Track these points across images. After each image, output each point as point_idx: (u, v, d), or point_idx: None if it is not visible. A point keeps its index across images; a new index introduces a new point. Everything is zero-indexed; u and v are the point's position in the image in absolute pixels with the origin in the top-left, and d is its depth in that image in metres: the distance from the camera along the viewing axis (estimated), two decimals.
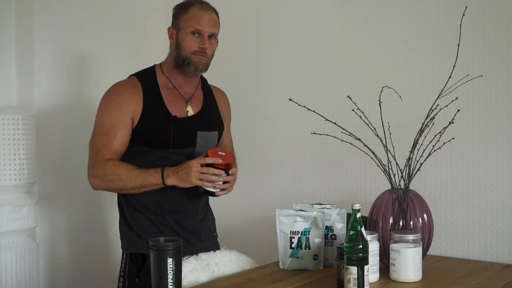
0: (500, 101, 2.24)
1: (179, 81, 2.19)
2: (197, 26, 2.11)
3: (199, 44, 2.11)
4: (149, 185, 2.06)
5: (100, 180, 2.09)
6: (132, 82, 2.17)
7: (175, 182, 2.04)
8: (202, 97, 2.25)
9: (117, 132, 2.08)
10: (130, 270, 2.15)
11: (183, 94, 2.19)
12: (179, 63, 2.14)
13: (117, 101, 2.11)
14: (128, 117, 2.10)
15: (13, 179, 2.53)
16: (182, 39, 2.13)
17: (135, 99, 2.11)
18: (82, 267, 2.96)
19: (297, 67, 2.72)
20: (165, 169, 2.05)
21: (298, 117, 2.67)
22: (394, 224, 2.01)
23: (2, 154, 2.51)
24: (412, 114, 2.39)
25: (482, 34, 2.26)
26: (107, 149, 2.08)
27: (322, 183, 2.64)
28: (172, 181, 2.04)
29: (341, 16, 2.60)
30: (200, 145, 2.17)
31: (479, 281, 1.90)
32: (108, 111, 2.11)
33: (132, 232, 2.16)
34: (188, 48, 2.12)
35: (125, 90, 2.14)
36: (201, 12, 2.12)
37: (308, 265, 2.04)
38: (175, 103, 2.16)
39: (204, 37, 2.12)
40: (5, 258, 2.53)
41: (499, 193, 2.25)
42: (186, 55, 2.12)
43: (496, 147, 2.25)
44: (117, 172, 2.05)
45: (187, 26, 2.12)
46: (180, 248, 1.68)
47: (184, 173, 2.02)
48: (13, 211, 2.54)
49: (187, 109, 2.19)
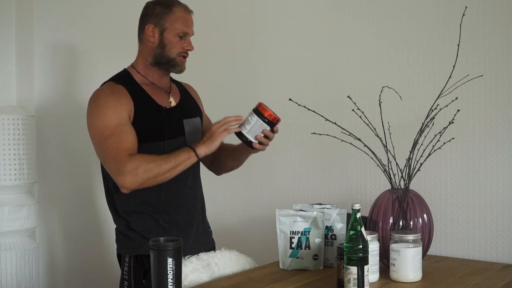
0: (500, 101, 2.24)
1: (155, 77, 2.22)
2: (185, 29, 2.16)
3: (185, 46, 2.16)
4: (183, 163, 2.04)
5: (133, 175, 1.99)
6: (112, 85, 2.16)
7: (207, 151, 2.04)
8: (177, 88, 2.30)
9: (123, 129, 2.06)
10: (135, 272, 2.13)
11: (162, 88, 2.23)
12: (161, 62, 2.17)
13: (110, 102, 2.09)
14: (126, 114, 2.10)
15: (13, 179, 2.54)
16: (168, 40, 2.15)
17: (125, 98, 2.11)
18: (82, 267, 2.96)
19: (297, 67, 2.72)
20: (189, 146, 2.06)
21: (298, 117, 2.67)
22: (394, 224, 2.01)
23: (2, 154, 2.52)
24: (412, 114, 2.39)
25: (482, 34, 2.27)
26: (123, 146, 2.04)
27: (322, 183, 2.64)
28: (204, 150, 2.04)
29: (341, 16, 2.60)
30: (188, 132, 2.20)
31: (479, 281, 1.90)
32: (105, 114, 2.07)
33: (137, 234, 2.14)
34: (175, 49, 2.15)
35: (112, 92, 2.12)
36: (185, 14, 2.17)
37: (308, 265, 2.04)
38: (159, 96, 2.19)
39: (187, 39, 2.17)
40: (5, 258, 2.53)
41: (499, 193, 2.25)
42: (173, 56, 2.15)
43: (496, 147, 2.25)
44: (148, 160, 2.01)
45: (175, 28, 2.14)
46: (180, 248, 1.68)
47: (208, 137, 2.05)
48: (13, 211, 2.54)
49: (170, 100, 2.22)
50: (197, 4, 2.33)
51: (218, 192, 2.82)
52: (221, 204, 2.84)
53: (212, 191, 2.56)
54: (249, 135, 2.05)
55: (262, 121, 2.04)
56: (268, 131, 2.06)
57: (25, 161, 2.60)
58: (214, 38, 2.90)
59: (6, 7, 2.84)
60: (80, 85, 2.94)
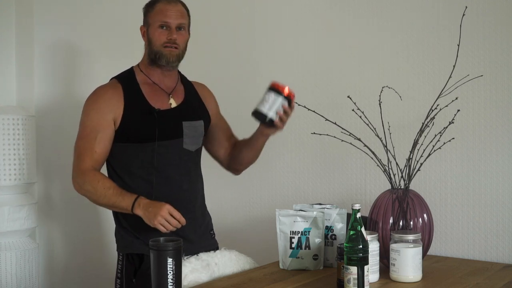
0: (500, 101, 2.24)
1: (158, 76, 2.22)
2: (164, 18, 2.15)
3: (168, 36, 2.15)
4: (119, 208, 2.08)
5: (79, 187, 2.13)
6: (112, 83, 2.21)
7: (141, 214, 2.03)
8: (183, 89, 2.29)
9: (97, 135, 2.12)
10: (127, 271, 2.17)
11: (164, 89, 2.22)
12: (153, 58, 2.18)
13: (98, 103, 2.15)
14: (109, 118, 2.13)
15: (13, 179, 2.54)
16: (151, 34, 2.17)
17: (115, 99, 2.15)
18: (82, 267, 2.96)
19: (297, 67, 2.72)
20: (139, 198, 2.05)
21: (298, 117, 2.66)
22: (394, 224, 2.01)
23: (2, 154, 2.52)
24: (412, 114, 2.39)
25: (482, 34, 2.26)
26: (88, 152, 2.12)
27: (322, 183, 2.64)
28: (139, 212, 2.03)
29: (341, 16, 2.60)
30: (187, 135, 2.20)
31: (479, 281, 1.90)
32: (88, 115, 2.15)
33: (128, 233, 2.18)
34: (158, 41, 2.15)
35: (104, 92, 2.18)
36: (166, 6, 2.17)
37: (308, 265, 2.04)
38: (157, 97, 2.19)
39: (172, 28, 2.15)
40: (5, 258, 2.53)
41: (499, 193, 2.25)
42: (157, 48, 2.16)
43: (496, 147, 2.25)
44: (95, 186, 2.08)
45: (155, 21, 2.16)
46: (180, 248, 1.69)
47: (152, 211, 2.01)
48: (13, 211, 2.54)
49: (170, 101, 2.22)
50: (198, 5, 2.33)
51: (218, 192, 2.82)
52: (221, 204, 2.84)
53: (212, 191, 2.56)
54: (270, 113, 2.06)
55: (282, 97, 2.06)
56: (287, 107, 2.07)
57: (25, 161, 2.60)
58: (214, 38, 2.90)
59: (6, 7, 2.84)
60: (80, 85, 2.94)
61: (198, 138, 2.25)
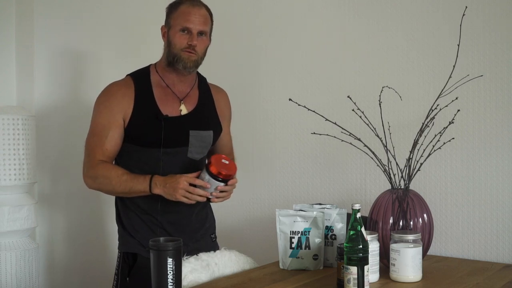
0: (500, 101, 2.24)
1: (172, 80, 2.19)
2: (185, 23, 2.12)
3: (188, 41, 2.12)
4: (137, 191, 2.07)
5: (92, 181, 2.12)
6: (126, 81, 2.18)
7: (161, 193, 2.04)
8: (197, 96, 2.24)
9: (108, 133, 2.11)
10: (122, 269, 2.18)
11: (176, 93, 2.19)
12: (170, 60, 2.15)
13: (109, 101, 2.14)
14: (120, 117, 2.12)
15: (13, 179, 2.54)
16: (172, 36, 2.14)
17: (127, 99, 2.13)
18: (82, 267, 2.96)
19: (297, 67, 2.72)
20: (154, 178, 2.05)
21: (298, 117, 2.66)
22: (394, 224, 2.01)
23: (2, 154, 2.52)
24: (412, 114, 2.39)
25: (482, 34, 2.26)
26: (99, 149, 2.11)
27: (322, 183, 2.64)
28: (158, 191, 2.04)
29: (341, 16, 2.60)
30: (193, 144, 2.17)
31: (479, 281, 1.90)
32: (100, 112, 2.14)
33: (125, 231, 2.19)
34: (178, 45, 2.12)
35: (117, 90, 2.16)
36: (189, 9, 2.13)
37: (308, 265, 2.04)
38: (167, 102, 2.16)
39: (193, 34, 2.12)
40: (5, 258, 2.53)
41: (499, 193, 2.25)
42: (176, 52, 2.13)
43: (496, 147, 2.25)
44: (108, 175, 2.08)
45: (176, 24, 2.13)
46: (180, 248, 1.69)
47: (171, 186, 2.02)
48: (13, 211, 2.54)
49: (181, 107, 2.19)
50: None
51: None
52: (221, 204, 2.83)
53: None
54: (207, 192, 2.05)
55: (214, 180, 2.03)
56: (222, 187, 2.05)
57: (25, 161, 2.60)
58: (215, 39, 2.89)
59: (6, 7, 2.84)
60: (80, 85, 2.94)
61: (205, 148, 2.22)
